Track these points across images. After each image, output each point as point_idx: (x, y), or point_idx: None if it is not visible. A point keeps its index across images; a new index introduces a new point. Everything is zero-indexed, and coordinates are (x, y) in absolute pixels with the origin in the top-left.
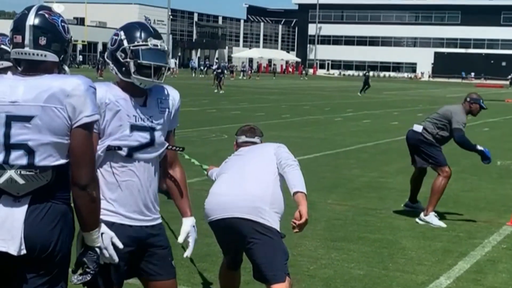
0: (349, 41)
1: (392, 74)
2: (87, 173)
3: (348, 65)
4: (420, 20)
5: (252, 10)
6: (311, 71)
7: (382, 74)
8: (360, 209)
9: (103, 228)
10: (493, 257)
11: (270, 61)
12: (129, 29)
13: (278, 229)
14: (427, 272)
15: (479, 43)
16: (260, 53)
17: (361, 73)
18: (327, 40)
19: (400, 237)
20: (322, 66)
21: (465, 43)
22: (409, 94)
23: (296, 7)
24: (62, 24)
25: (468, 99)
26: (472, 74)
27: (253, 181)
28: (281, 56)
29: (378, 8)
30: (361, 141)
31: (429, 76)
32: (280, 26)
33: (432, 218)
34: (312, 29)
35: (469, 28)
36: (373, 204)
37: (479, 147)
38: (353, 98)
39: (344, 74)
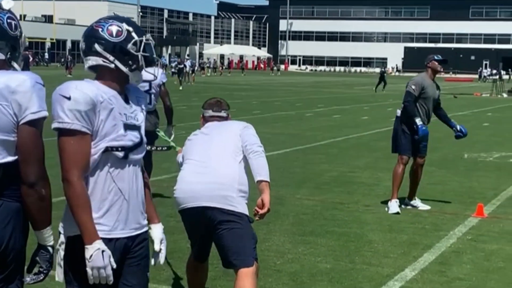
0: (320, 36)
1: (363, 69)
2: (35, 171)
3: (319, 61)
4: (390, 15)
5: (223, 7)
6: (282, 67)
7: (353, 69)
8: (328, 203)
9: (102, 245)
10: (458, 249)
11: (241, 57)
12: (129, 22)
13: (247, 213)
14: (392, 264)
15: (448, 38)
16: (231, 50)
17: (332, 69)
18: (298, 36)
19: (367, 230)
20: (293, 62)
21: (434, 37)
22: (379, 89)
23: (267, 3)
24: (8, 21)
25: (425, 63)
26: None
27: (221, 167)
28: (252, 52)
29: (348, 4)
30: (331, 136)
31: (397, 71)
32: (251, 22)
33: (392, 205)
34: (283, 25)
35: (438, 23)
36: (341, 199)
37: (418, 122)
38: (324, 94)
39: (315, 70)
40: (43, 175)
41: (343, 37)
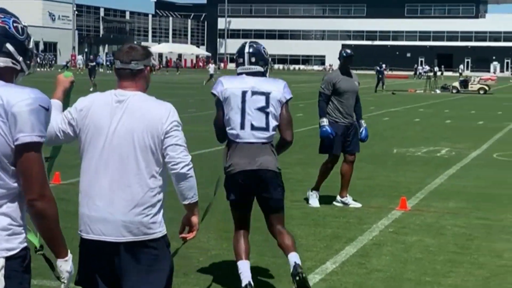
0: (259, 34)
1: (302, 67)
2: (35, 189)
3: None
4: (327, 13)
5: (160, 5)
6: (222, 65)
7: (292, 67)
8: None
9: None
10: (379, 241)
11: (180, 55)
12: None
13: (163, 231)
14: (314, 258)
15: (384, 35)
16: (169, 48)
17: (273, 66)
18: (236, 34)
19: (293, 225)
20: (232, 60)
21: (371, 35)
22: (316, 86)
23: (205, 2)
24: (15, 24)
25: (338, 58)
26: (383, 65)
27: (130, 187)
28: (191, 51)
29: (286, 2)
30: None
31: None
32: (189, 21)
33: (348, 200)
34: (221, 23)
35: (375, 21)
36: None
37: (321, 122)
38: None
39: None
40: (45, 193)
41: (282, 35)
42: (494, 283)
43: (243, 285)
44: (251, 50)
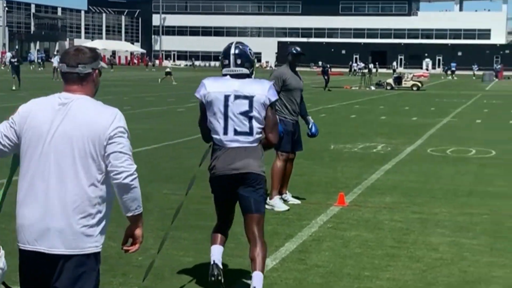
0: (194, 31)
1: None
2: None
3: (194, 56)
4: (263, 10)
5: (94, 1)
6: (157, 62)
7: None
8: (195, 198)
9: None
10: (318, 237)
11: (114, 52)
12: None
13: (98, 247)
14: None
15: (320, 32)
16: (103, 45)
17: (207, 63)
18: (172, 30)
19: (233, 223)
20: (168, 57)
21: (306, 32)
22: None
23: None
24: None
25: (285, 54)
26: (319, 63)
27: (66, 195)
28: (125, 48)
29: None
30: None
31: (275, 66)
32: (123, 17)
33: (277, 203)
34: (156, 19)
35: (310, 18)
36: (208, 193)
37: None
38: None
39: (190, 65)
40: None
41: (217, 32)
42: (430, 276)
43: (210, 263)
44: (237, 51)
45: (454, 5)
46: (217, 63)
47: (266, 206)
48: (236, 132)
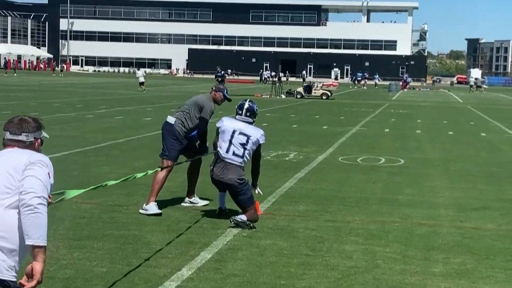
0: (103, 37)
1: (148, 70)
2: None
3: (103, 61)
4: (174, 17)
5: None
6: (65, 67)
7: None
8: (106, 206)
9: None
10: (233, 246)
11: (19, 57)
12: None
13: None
14: (170, 264)
15: (230, 40)
16: (8, 49)
17: (117, 69)
18: (80, 35)
19: (146, 232)
20: (75, 63)
21: (217, 40)
22: (164, 90)
23: (46, 1)
24: None
25: (213, 88)
26: (229, 71)
27: None
28: (31, 52)
29: (131, 4)
30: (113, 137)
31: (184, 72)
32: (30, 21)
33: (152, 207)
34: (64, 24)
35: (221, 26)
36: (120, 201)
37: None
38: (107, 95)
39: (99, 71)
40: None
41: (127, 37)
42: (346, 284)
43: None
44: (248, 107)
45: (362, 16)
46: (126, 69)
47: (141, 211)
48: (233, 154)
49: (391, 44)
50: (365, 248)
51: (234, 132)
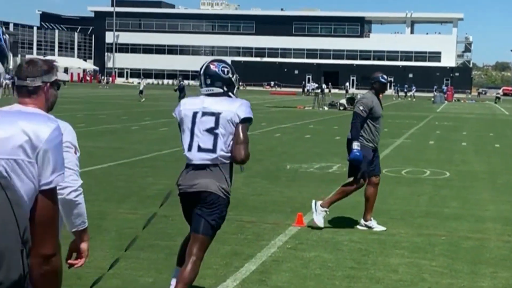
0: (148, 49)
1: (192, 82)
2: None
3: (147, 74)
4: (217, 29)
5: (46, 17)
6: (110, 79)
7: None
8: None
9: None
10: (278, 257)
11: (66, 69)
12: None
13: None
14: (214, 275)
15: (273, 52)
16: (55, 62)
17: (161, 81)
18: (125, 48)
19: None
20: (120, 75)
21: (260, 52)
22: None
23: (92, 15)
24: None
25: (371, 81)
26: (272, 83)
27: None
28: (78, 64)
29: (175, 17)
30: (157, 149)
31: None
32: (76, 34)
33: (372, 223)
34: (109, 37)
35: (264, 38)
36: (166, 211)
37: (355, 146)
38: (152, 107)
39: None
40: (59, 247)
41: (171, 50)
42: None
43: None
44: (207, 71)
45: (406, 28)
46: (170, 81)
47: (361, 227)
48: (200, 149)
49: (436, 56)
50: (411, 261)
51: (194, 115)
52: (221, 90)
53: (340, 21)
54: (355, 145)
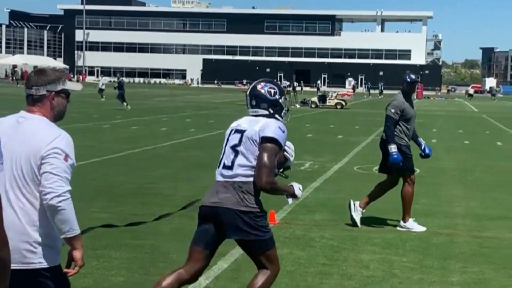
0: (119, 47)
1: (163, 80)
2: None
3: (118, 72)
4: (188, 27)
5: (15, 15)
6: (80, 78)
7: (152, 80)
8: (124, 215)
9: None
10: None
11: (35, 67)
12: None
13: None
14: None
15: (245, 50)
16: (24, 60)
17: (132, 80)
18: (95, 46)
19: (163, 241)
20: (91, 73)
21: (231, 50)
22: (179, 100)
23: (62, 13)
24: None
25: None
26: (244, 81)
27: (13, 213)
28: (47, 63)
29: (146, 15)
30: (129, 147)
31: (197, 83)
32: (46, 32)
33: (412, 224)
34: (79, 35)
35: (235, 36)
36: (138, 210)
37: (392, 149)
38: (122, 105)
39: (114, 81)
40: (6, 239)
41: (142, 48)
42: None
43: None
44: (252, 91)
45: (376, 26)
46: (141, 80)
47: (401, 229)
48: (223, 166)
49: (406, 54)
50: (382, 257)
51: (229, 133)
52: (266, 112)
53: (312, 19)
54: (392, 148)
